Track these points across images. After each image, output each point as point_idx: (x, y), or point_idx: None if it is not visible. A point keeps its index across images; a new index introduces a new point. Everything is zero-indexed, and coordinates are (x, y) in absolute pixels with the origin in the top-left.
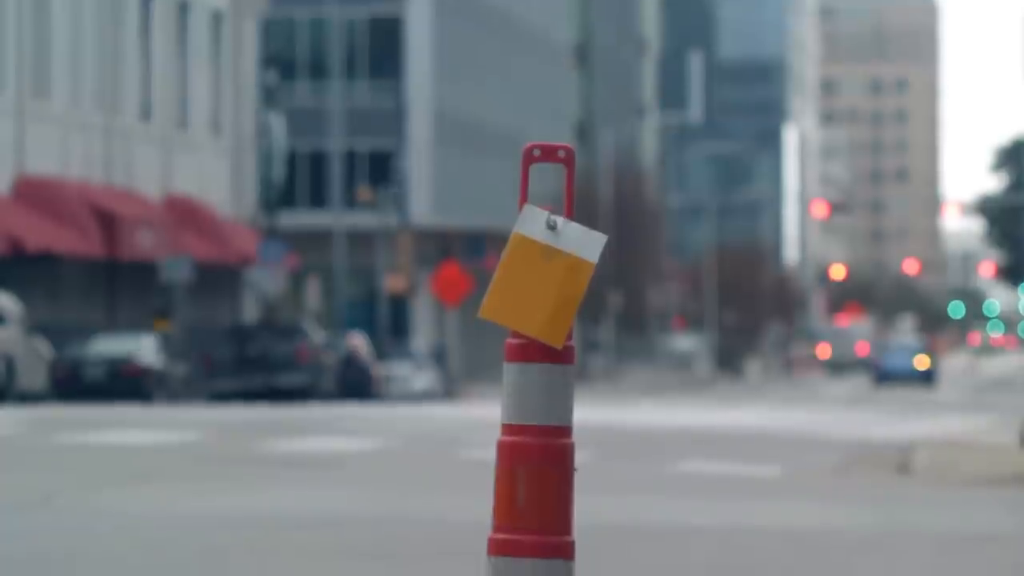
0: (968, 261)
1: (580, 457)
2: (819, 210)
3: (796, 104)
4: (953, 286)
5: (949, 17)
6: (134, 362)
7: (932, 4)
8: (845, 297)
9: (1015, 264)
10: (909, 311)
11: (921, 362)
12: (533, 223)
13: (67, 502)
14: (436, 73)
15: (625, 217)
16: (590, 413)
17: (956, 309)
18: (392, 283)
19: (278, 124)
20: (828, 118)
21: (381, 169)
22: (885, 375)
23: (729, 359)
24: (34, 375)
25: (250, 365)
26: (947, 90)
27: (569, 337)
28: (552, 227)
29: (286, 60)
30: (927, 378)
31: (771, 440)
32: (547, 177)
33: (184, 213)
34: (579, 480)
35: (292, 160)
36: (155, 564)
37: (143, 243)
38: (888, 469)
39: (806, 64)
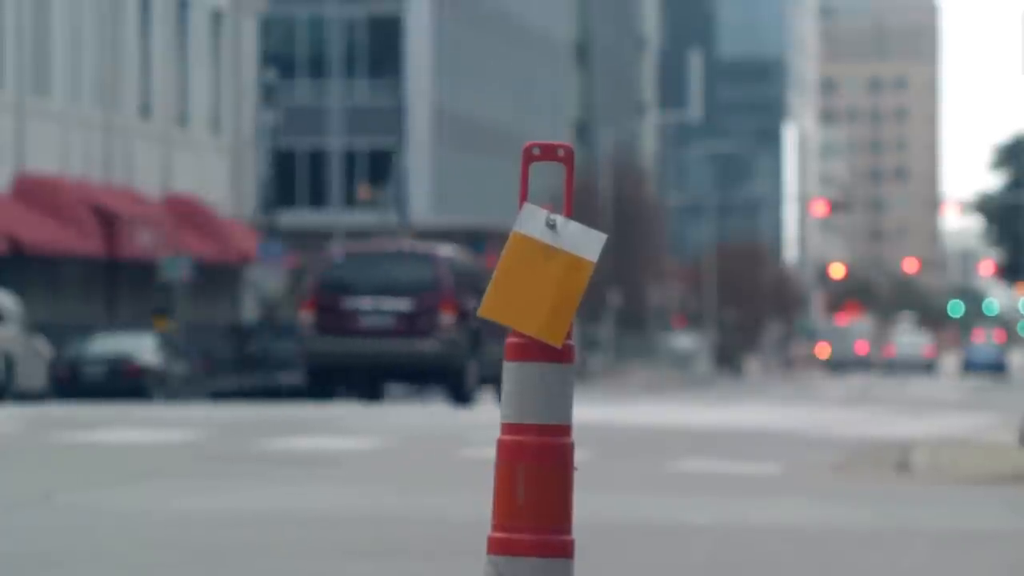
0: (967, 260)
1: (580, 455)
2: (819, 209)
3: (796, 103)
4: (952, 285)
5: (949, 16)
6: (134, 361)
7: (932, 3)
8: (844, 296)
9: (1015, 262)
10: (908, 310)
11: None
12: (533, 222)
13: (66, 500)
14: (436, 71)
15: (625, 216)
16: (590, 411)
17: (955, 308)
18: None
19: (277, 123)
20: (828, 117)
21: (381, 168)
22: (971, 366)
23: (729, 358)
24: (34, 374)
25: (250, 364)
26: (947, 88)
27: (569, 336)
28: (552, 226)
29: (286, 58)
30: (1001, 368)
31: (770, 438)
32: (547, 175)
33: (184, 212)
34: (579, 478)
35: (292, 159)
36: (154, 562)
37: (143, 242)
38: (887, 467)
39: (806, 63)
